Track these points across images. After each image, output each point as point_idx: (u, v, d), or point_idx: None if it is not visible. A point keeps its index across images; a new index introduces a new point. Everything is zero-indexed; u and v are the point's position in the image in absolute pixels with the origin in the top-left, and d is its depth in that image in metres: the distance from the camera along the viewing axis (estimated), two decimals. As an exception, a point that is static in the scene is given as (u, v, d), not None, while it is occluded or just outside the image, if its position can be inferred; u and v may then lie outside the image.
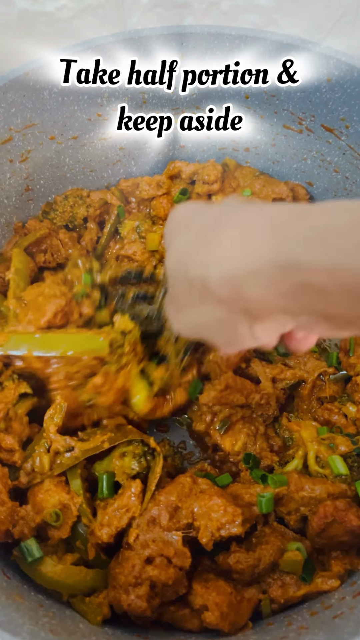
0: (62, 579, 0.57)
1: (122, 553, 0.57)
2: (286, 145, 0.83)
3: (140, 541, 0.57)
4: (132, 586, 0.55)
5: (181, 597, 0.57)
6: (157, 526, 0.57)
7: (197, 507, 0.58)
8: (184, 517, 0.58)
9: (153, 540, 0.56)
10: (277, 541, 0.60)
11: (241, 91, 0.78)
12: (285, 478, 0.62)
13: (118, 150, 0.86)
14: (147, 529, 0.57)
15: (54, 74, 0.72)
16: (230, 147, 0.87)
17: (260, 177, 0.84)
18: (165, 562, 0.56)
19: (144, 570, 0.55)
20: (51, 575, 0.57)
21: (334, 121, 0.75)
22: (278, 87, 0.76)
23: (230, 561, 0.58)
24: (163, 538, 0.56)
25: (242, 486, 0.63)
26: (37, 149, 0.78)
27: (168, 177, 0.86)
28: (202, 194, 0.84)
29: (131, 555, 0.56)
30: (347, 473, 0.62)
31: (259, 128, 0.82)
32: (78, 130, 0.80)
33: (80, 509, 0.60)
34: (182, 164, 0.85)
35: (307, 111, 0.76)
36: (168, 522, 0.57)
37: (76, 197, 0.85)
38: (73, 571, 0.58)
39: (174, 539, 0.56)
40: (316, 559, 0.61)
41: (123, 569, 0.56)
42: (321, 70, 0.71)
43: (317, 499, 0.61)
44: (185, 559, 0.56)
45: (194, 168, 0.85)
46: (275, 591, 0.58)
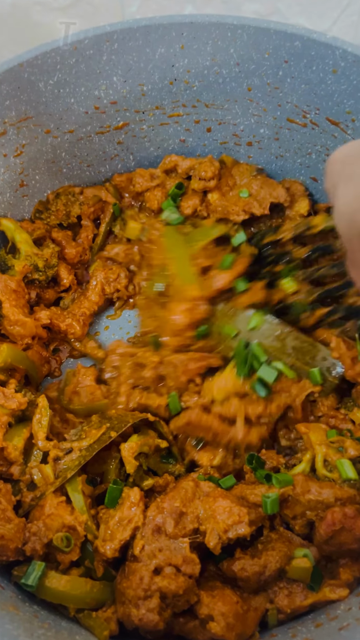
0: (68, 591, 0.56)
1: (128, 566, 0.57)
2: (290, 139, 0.82)
3: (147, 552, 0.56)
4: (142, 599, 0.54)
5: (190, 608, 0.56)
6: (163, 534, 0.56)
7: (202, 511, 0.57)
8: (189, 522, 0.57)
9: (160, 550, 0.56)
10: (284, 547, 0.59)
11: (243, 83, 0.78)
12: (290, 477, 0.62)
13: (116, 144, 0.85)
14: (153, 538, 0.56)
15: (49, 65, 0.71)
16: (232, 141, 0.86)
17: (258, 177, 0.83)
18: (174, 571, 0.55)
19: (152, 581, 0.54)
20: (56, 587, 0.56)
21: (340, 114, 0.74)
22: (282, 79, 0.75)
23: (234, 568, 0.58)
24: (170, 546, 0.56)
25: (246, 487, 0.63)
26: (32, 143, 0.78)
27: (163, 170, 0.85)
28: (197, 190, 0.83)
29: (138, 568, 0.55)
30: (356, 477, 0.61)
31: (261, 121, 0.82)
32: (74, 123, 0.79)
33: (86, 527, 0.59)
34: (179, 158, 0.84)
35: (312, 104, 0.76)
36: (174, 529, 0.56)
37: (68, 195, 0.85)
38: (79, 583, 0.57)
39: (181, 546, 0.56)
40: (324, 566, 0.61)
41: (131, 582, 0.55)
42: (326, 61, 0.70)
43: (324, 503, 0.60)
44: (194, 565, 0.55)
45: (191, 163, 0.84)
46: (282, 600, 0.57)
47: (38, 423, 0.64)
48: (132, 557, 0.57)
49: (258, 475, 0.64)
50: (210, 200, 0.83)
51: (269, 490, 0.61)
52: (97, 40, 0.71)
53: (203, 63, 0.76)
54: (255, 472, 0.65)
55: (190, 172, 0.85)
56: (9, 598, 0.55)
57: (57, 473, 0.62)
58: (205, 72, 0.77)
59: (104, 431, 0.63)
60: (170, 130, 0.85)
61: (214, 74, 0.77)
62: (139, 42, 0.73)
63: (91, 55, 0.73)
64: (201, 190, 0.84)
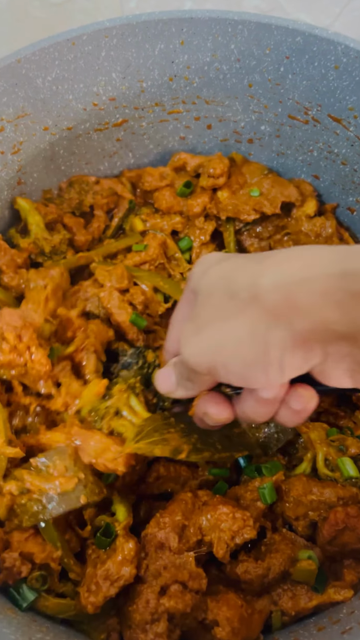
0: (55, 614, 0.54)
1: (132, 588, 0.55)
2: (291, 136, 0.82)
3: (151, 571, 0.54)
4: (150, 624, 0.52)
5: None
6: (167, 551, 0.55)
7: (204, 521, 0.56)
8: (192, 534, 0.56)
9: (165, 567, 0.54)
10: (287, 549, 0.59)
11: (244, 79, 0.77)
12: (278, 463, 0.62)
13: (115, 141, 0.85)
14: (157, 556, 0.55)
15: (47, 61, 0.71)
16: (233, 138, 0.86)
17: (269, 176, 0.83)
18: (181, 589, 0.54)
19: (159, 603, 0.53)
20: (43, 609, 0.54)
21: (342, 111, 0.74)
22: (283, 75, 0.75)
23: (238, 571, 0.57)
24: (175, 562, 0.54)
25: (240, 487, 0.62)
26: (29, 140, 0.77)
27: (172, 168, 0.85)
28: (206, 187, 0.83)
29: (143, 589, 0.54)
30: (358, 475, 0.61)
31: (262, 118, 0.81)
32: (73, 120, 0.78)
33: (62, 563, 0.55)
34: (188, 155, 0.84)
35: (314, 100, 0.75)
36: (178, 544, 0.55)
37: (82, 184, 0.84)
38: (67, 606, 0.54)
39: (187, 560, 0.54)
40: (328, 567, 0.61)
41: (137, 606, 0.53)
42: (329, 57, 0.70)
43: (326, 503, 0.60)
44: (201, 580, 0.55)
45: (200, 161, 0.84)
46: (286, 602, 0.57)
47: None
48: (136, 577, 0.55)
49: (248, 472, 0.64)
50: (220, 198, 0.82)
51: (262, 482, 0.61)
52: (96, 36, 0.71)
53: (203, 59, 0.75)
54: (244, 470, 0.65)
55: (199, 169, 0.85)
56: (6, 601, 0.55)
57: (10, 516, 0.54)
58: (206, 68, 0.76)
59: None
60: (170, 127, 0.84)
61: (214, 70, 0.76)
62: (138, 38, 0.72)
63: (90, 51, 0.72)
64: (210, 187, 0.83)
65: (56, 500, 0.53)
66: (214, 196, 0.84)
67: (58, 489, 0.53)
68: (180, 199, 0.84)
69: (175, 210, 0.84)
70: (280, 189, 0.81)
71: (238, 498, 0.61)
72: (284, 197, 0.81)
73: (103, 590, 0.53)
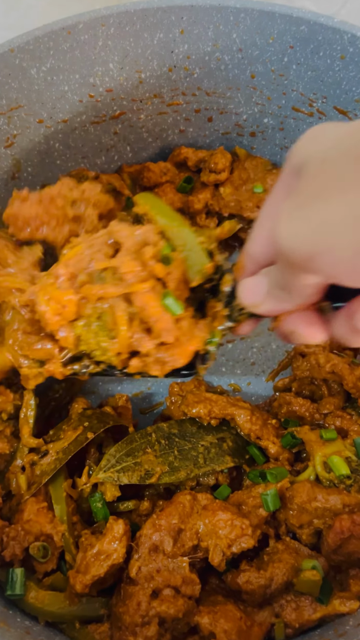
0: (45, 607, 0.55)
1: (124, 589, 0.55)
2: (295, 129, 0.81)
3: (144, 573, 0.54)
4: (140, 626, 0.52)
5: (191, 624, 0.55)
6: (161, 554, 0.55)
7: (202, 526, 0.56)
8: (188, 539, 0.56)
9: (157, 571, 0.54)
10: (291, 559, 0.58)
11: (246, 70, 0.76)
12: (284, 469, 0.62)
13: (112, 134, 0.84)
14: (150, 559, 0.55)
15: (42, 51, 0.70)
16: (235, 131, 0.85)
17: (273, 172, 0.82)
18: (173, 594, 0.54)
19: (150, 606, 0.53)
20: (33, 602, 0.55)
21: (348, 102, 0.73)
22: (287, 65, 0.74)
23: (239, 581, 0.57)
24: (168, 566, 0.54)
25: (243, 492, 0.62)
26: (23, 133, 0.76)
27: (173, 163, 0.85)
28: (208, 183, 0.82)
29: (135, 591, 0.54)
30: (348, 472, 0.61)
31: (265, 110, 0.81)
32: (69, 112, 0.78)
33: (63, 538, 0.58)
34: (189, 150, 0.84)
35: (319, 92, 0.74)
36: (172, 547, 0.55)
37: (82, 179, 0.82)
38: (57, 598, 0.55)
39: (181, 565, 0.54)
40: (333, 577, 0.60)
41: (127, 607, 0.53)
42: (334, 46, 0.69)
43: (331, 510, 0.59)
44: (194, 586, 0.54)
45: (201, 155, 0.83)
46: (290, 614, 0.57)
47: (25, 418, 0.64)
48: (128, 579, 0.55)
49: (252, 476, 0.64)
50: (222, 194, 0.82)
51: (266, 488, 0.60)
52: (93, 24, 0.70)
53: (204, 49, 0.74)
54: (248, 475, 0.64)
55: (200, 164, 0.84)
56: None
57: (32, 479, 0.61)
58: (207, 59, 0.76)
59: (80, 432, 0.62)
60: (169, 120, 0.84)
61: (215, 60, 0.76)
62: (137, 27, 0.72)
63: (86, 40, 0.71)
64: (212, 183, 0.83)
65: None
66: (215, 192, 0.83)
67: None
68: (181, 195, 0.84)
69: (176, 206, 0.84)
70: None
71: (240, 504, 0.61)
72: None
73: (92, 570, 0.54)
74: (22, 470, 0.62)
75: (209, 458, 0.64)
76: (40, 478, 0.60)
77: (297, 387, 0.76)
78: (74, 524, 0.60)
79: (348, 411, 0.71)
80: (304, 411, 0.71)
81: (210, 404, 0.66)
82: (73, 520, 0.60)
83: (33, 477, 0.61)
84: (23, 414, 0.65)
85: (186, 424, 0.67)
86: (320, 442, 0.65)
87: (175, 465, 0.61)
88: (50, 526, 0.58)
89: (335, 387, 0.74)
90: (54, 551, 0.58)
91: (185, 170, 0.85)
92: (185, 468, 0.61)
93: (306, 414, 0.72)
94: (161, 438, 0.64)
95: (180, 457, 0.63)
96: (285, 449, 0.67)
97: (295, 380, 0.76)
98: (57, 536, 0.58)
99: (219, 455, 0.65)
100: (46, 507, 0.59)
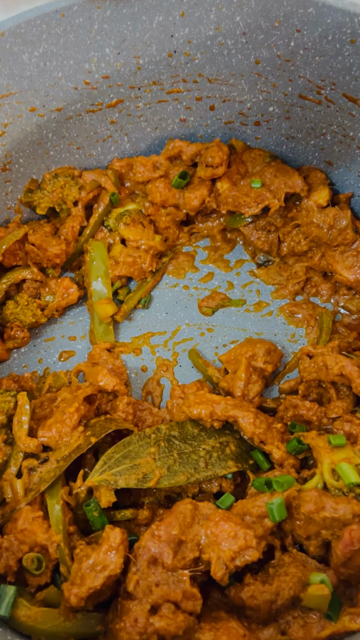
0: (38, 625, 0.54)
1: (121, 603, 0.54)
2: (302, 118, 0.80)
3: (142, 587, 0.53)
4: None
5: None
6: (160, 567, 0.54)
7: (203, 537, 0.55)
8: (189, 551, 0.55)
9: (156, 584, 0.53)
10: (298, 572, 0.57)
11: (250, 55, 0.75)
12: (291, 477, 0.61)
13: (109, 124, 0.83)
14: (149, 572, 0.54)
15: (34, 35, 0.69)
16: (238, 120, 0.84)
17: (272, 164, 0.82)
18: (173, 609, 0.53)
19: (149, 623, 0.52)
20: (25, 621, 0.54)
21: (359, 90, 0.72)
22: (293, 51, 0.72)
23: (243, 595, 0.56)
24: (168, 580, 0.53)
25: (247, 501, 0.61)
26: (15, 122, 0.75)
27: (166, 157, 0.83)
28: (205, 178, 0.81)
29: (132, 607, 0.53)
30: (358, 481, 0.60)
31: (271, 98, 0.79)
32: (62, 100, 0.77)
33: (58, 549, 0.57)
34: (183, 143, 0.83)
35: (327, 78, 0.73)
36: (172, 560, 0.54)
37: (67, 177, 0.82)
38: (50, 615, 0.54)
39: (181, 579, 0.53)
40: (342, 592, 0.59)
41: (125, 624, 0.52)
42: (344, 30, 0.68)
43: (340, 520, 0.59)
44: (195, 601, 0.53)
45: (197, 148, 0.82)
46: (296, 632, 0.56)
47: (19, 425, 0.64)
48: (125, 593, 0.55)
49: (257, 484, 0.63)
50: (219, 190, 0.81)
51: (271, 497, 0.59)
52: (87, 7, 0.69)
53: (206, 33, 0.73)
54: (253, 483, 0.64)
55: (196, 158, 0.83)
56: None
57: (30, 486, 0.60)
58: (208, 43, 0.74)
59: (82, 442, 0.62)
60: (169, 109, 0.83)
61: (217, 45, 0.74)
62: (134, 9, 0.70)
63: (81, 23, 0.70)
64: (209, 178, 0.82)
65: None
66: (213, 188, 0.82)
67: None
68: (175, 191, 0.82)
69: (171, 203, 0.83)
70: (284, 179, 0.79)
71: (244, 513, 0.60)
72: (287, 187, 0.79)
73: (87, 582, 0.53)
74: (17, 476, 0.62)
75: (211, 462, 0.63)
76: (38, 486, 0.60)
77: (304, 389, 0.75)
78: (70, 534, 0.59)
79: (357, 415, 0.71)
80: (311, 415, 0.71)
81: (212, 406, 0.66)
82: (69, 530, 0.59)
83: (30, 484, 0.60)
84: (17, 419, 0.64)
85: (187, 426, 0.66)
86: (328, 448, 0.64)
87: (174, 468, 0.61)
88: (45, 536, 0.57)
89: (344, 390, 0.73)
90: (48, 563, 0.57)
91: (179, 165, 0.84)
92: (185, 472, 0.61)
93: (313, 418, 0.71)
94: (160, 440, 0.63)
95: (180, 460, 0.62)
96: (291, 454, 0.66)
97: (301, 383, 0.76)
98: (52, 548, 0.57)
99: (222, 459, 0.64)
100: (41, 517, 0.58)
